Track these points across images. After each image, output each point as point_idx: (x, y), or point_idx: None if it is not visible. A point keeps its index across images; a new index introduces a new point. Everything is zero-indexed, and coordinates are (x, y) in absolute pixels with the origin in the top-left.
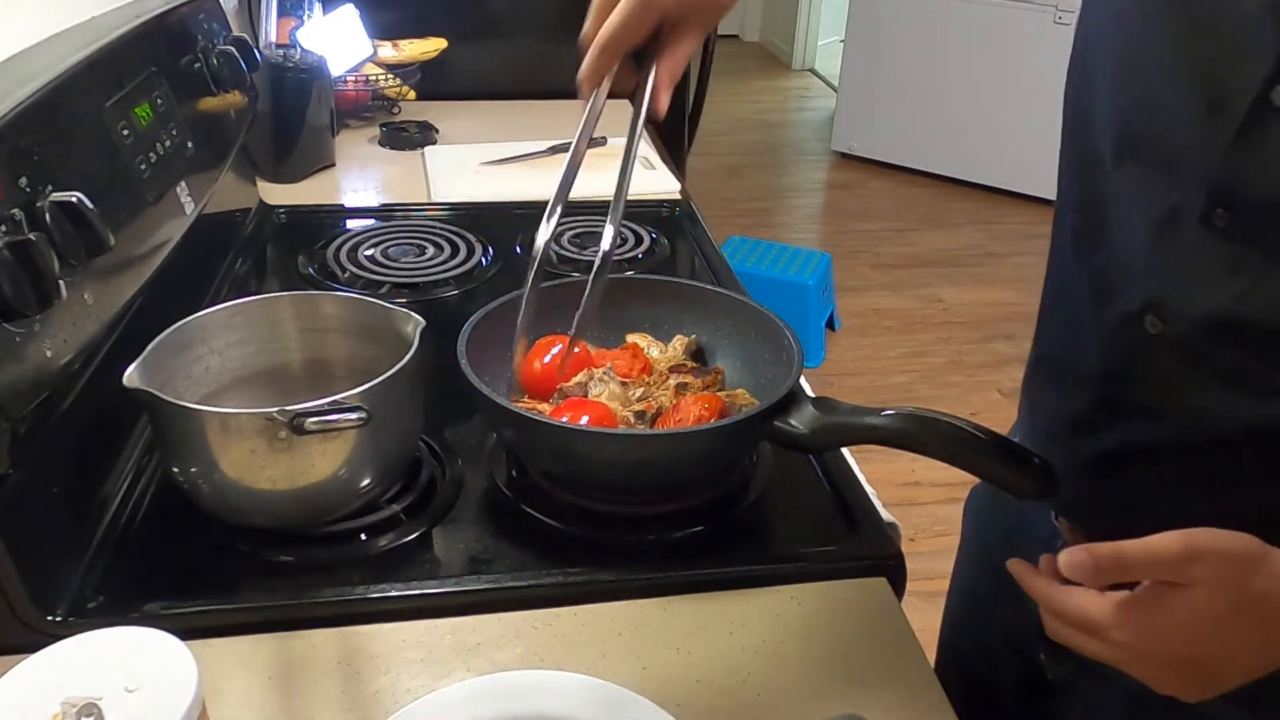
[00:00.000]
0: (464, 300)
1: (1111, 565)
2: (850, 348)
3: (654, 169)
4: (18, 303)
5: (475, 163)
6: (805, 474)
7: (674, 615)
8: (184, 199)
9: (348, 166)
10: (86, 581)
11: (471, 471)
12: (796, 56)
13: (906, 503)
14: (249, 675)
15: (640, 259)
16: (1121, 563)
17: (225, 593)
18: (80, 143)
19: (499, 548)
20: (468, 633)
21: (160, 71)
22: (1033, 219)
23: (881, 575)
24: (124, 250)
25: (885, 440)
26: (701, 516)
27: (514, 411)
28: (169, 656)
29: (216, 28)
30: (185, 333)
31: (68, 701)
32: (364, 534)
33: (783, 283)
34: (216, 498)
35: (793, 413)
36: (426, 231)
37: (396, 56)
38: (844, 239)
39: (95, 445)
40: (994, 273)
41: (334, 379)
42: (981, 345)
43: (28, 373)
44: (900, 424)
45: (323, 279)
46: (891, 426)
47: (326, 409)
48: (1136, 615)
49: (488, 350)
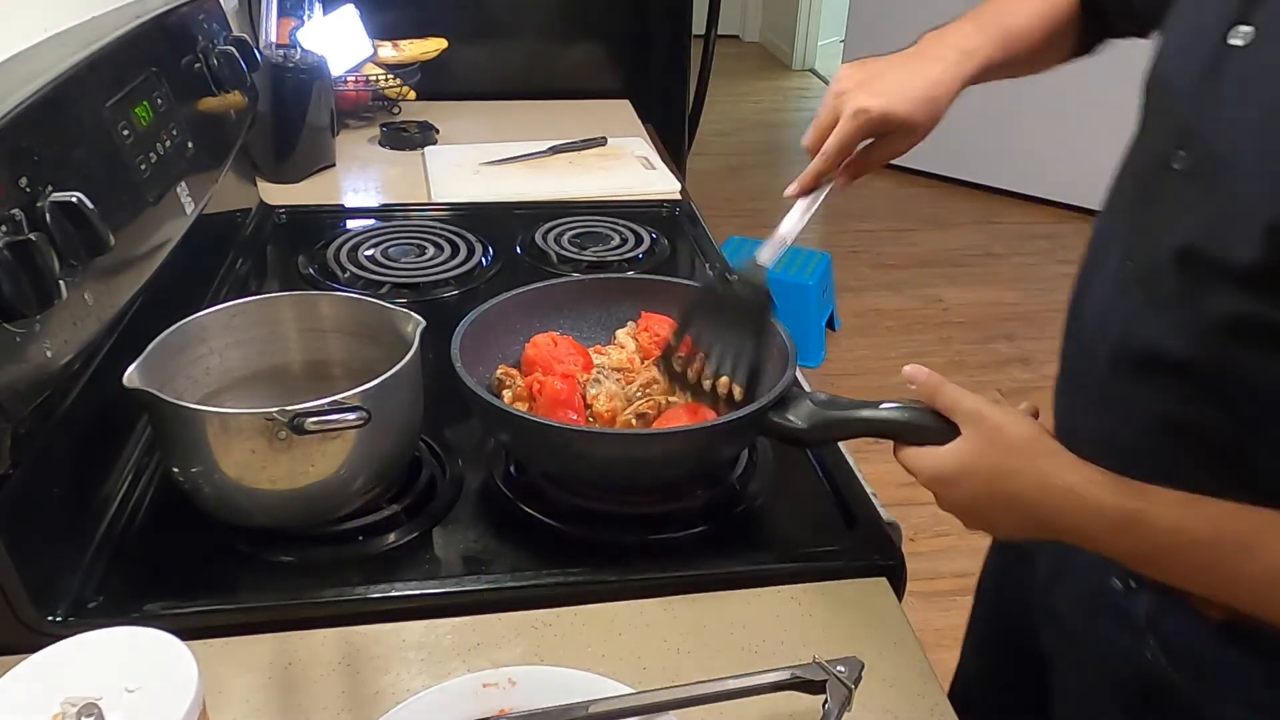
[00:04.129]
0: (464, 300)
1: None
2: (850, 348)
3: (654, 169)
4: (18, 303)
5: (475, 163)
6: (805, 474)
7: (674, 615)
8: (184, 199)
9: (348, 166)
10: (86, 581)
11: (471, 471)
12: (796, 56)
13: (906, 503)
14: (249, 675)
15: (640, 259)
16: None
17: (225, 593)
18: (80, 143)
19: (499, 548)
20: (468, 633)
21: (160, 71)
22: (1033, 219)
23: (881, 575)
24: (124, 250)
25: (885, 432)
26: (701, 516)
27: (511, 413)
28: (169, 656)
29: (216, 28)
30: (185, 333)
31: (68, 701)
32: (364, 534)
33: (783, 283)
34: (216, 498)
35: (791, 407)
36: (426, 231)
37: (396, 56)
38: (844, 239)
39: (95, 445)
40: (994, 273)
41: (334, 379)
42: (981, 345)
43: (28, 373)
44: (900, 415)
45: (323, 279)
46: (891, 418)
47: (326, 409)
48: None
49: (482, 352)
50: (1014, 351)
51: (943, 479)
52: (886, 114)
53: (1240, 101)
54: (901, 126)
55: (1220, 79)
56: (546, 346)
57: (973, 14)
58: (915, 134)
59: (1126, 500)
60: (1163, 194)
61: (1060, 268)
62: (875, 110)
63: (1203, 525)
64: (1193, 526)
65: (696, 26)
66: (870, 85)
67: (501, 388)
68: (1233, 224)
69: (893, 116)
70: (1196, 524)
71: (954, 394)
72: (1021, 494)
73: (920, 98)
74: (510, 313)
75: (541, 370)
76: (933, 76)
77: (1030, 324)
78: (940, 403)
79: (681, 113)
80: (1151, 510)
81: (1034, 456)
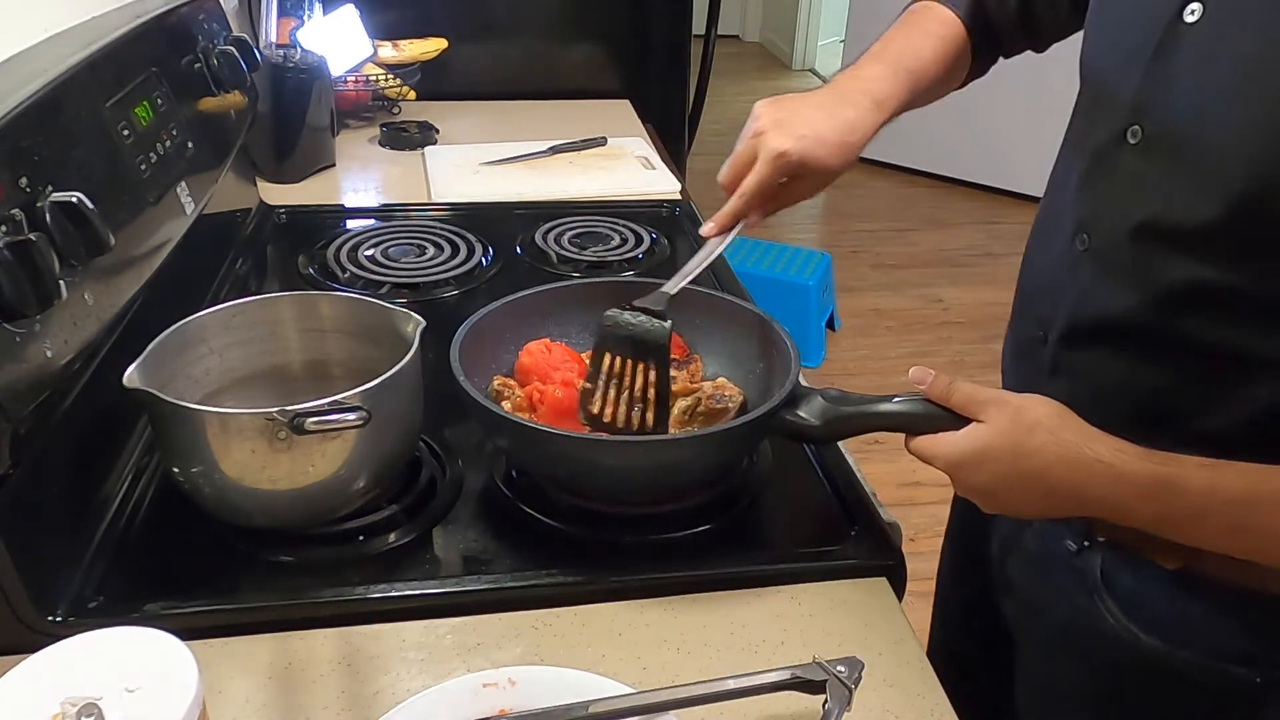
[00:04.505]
0: (464, 300)
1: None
2: (850, 348)
3: (654, 169)
4: (18, 303)
5: (475, 163)
6: (805, 474)
7: (674, 615)
8: (184, 199)
9: (348, 167)
10: (86, 581)
11: (471, 471)
12: (796, 56)
13: (906, 503)
14: (249, 675)
15: (640, 259)
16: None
17: (225, 593)
18: (80, 143)
19: (499, 548)
20: (468, 633)
21: (160, 71)
22: (1033, 219)
23: (881, 575)
24: (124, 250)
25: (899, 426)
26: (701, 516)
27: (524, 425)
28: (169, 656)
29: (216, 28)
30: (185, 333)
31: (68, 701)
32: (364, 534)
33: (783, 283)
34: (216, 498)
35: (802, 405)
36: (426, 231)
37: (396, 56)
38: (844, 239)
39: (95, 445)
40: (994, 273)
41: (334, 379)
42: (981, 345)
43: (28, 373)
44: (914, 408)
45: (323, 279)
46: (906, 411)
47: (326, 409)
48: (956, 462)
49: (475, 364)
50: None
51: (964, 462)
52: (804, 159)
53: (1197, 74)
54: (817, 170)
55: (1174, 55)
56: (541, 354)
57: (882, 53)
58: (829, 176)
59: (1158, 466)
60: (1117, 170)
61: None
62: (794, 155)
63: (1235, 485)
64: (1225, 487)
65: (696, 26)
66: (787, 126)
67: (500, 399)
68: (1196, 193)
69: (810, 161)
70: (1229, 484)
71: (967, 390)
72: (1047, 469)
73: (837, 143)
74: (500, 321)
75: (539, 379)
76: (850, 122)
77: None
78: (955, 401)
79: (681, 113)
80: (1183, 474)
81: (1058, 430)
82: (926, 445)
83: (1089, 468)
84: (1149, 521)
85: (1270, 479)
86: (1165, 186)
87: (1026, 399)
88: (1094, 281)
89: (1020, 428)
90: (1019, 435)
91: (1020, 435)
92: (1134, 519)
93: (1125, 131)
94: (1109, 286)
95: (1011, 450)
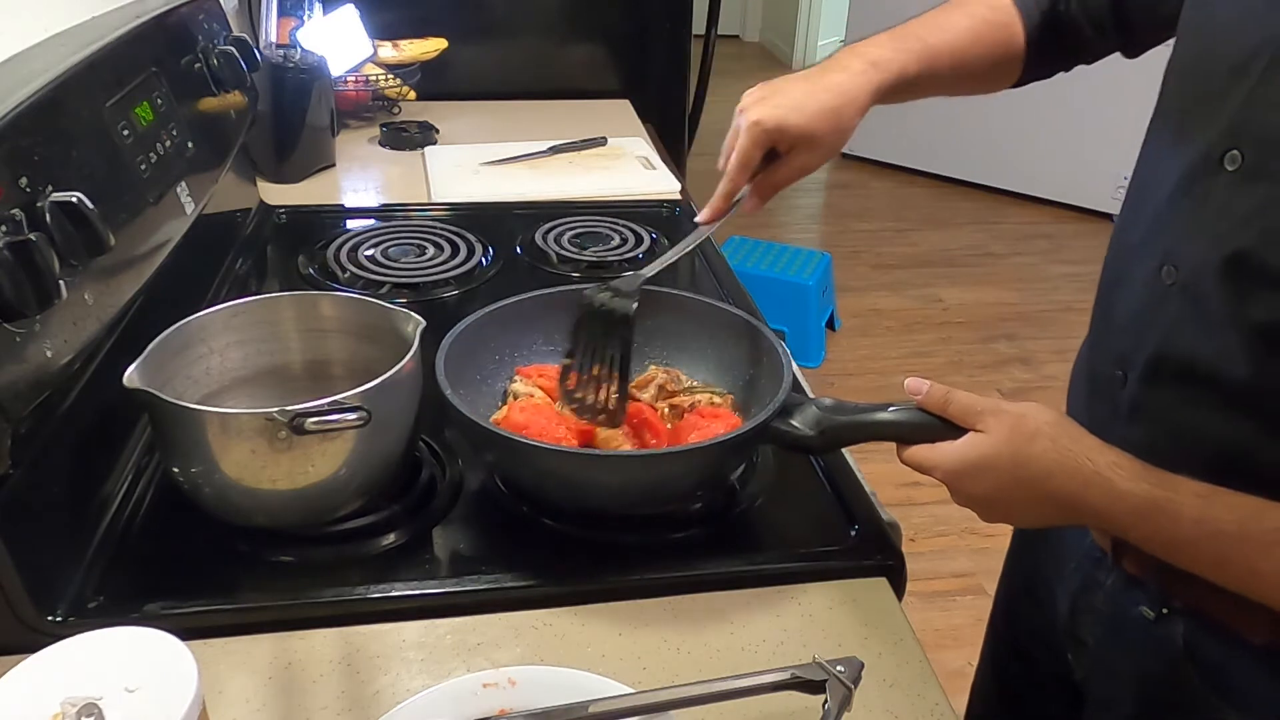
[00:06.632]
0: (464, 300)
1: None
2: (850, 348)
3: (654, 169)
4: (18, 303)
5: (475, 163)
6: (805, 474)
7: (674, 615)
8: (184, 199)
9: (348, 166)
10: (86, 581)
11: (471, 472)
12: (796, 56)
13: (906, 503)
14: (249, 675)
15: (640, 259)
16: (946, 402)
17: (225, 593)
18: (80, 143)
19: (499, 547)
20: (468, 633)
21: (160, 71)
22: (1033, 219)
23: (881, 575)
24: (124, 250)
25: (896, 436)
26: (701, 517)
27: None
28: (169, 656)
29: (216, 28)
30: (185, 333)
31: (68, 701)
32: (364, 534)
33: (783, 283)
34: (217, 498)
35: (796, 415)
36: (426, 232)
37: (396, 56)
38: (844, 239)
39: (95, 445)
40: (994, 273)
41: (334, 379)
42: (981, 345)
43: (28, 373)
44: (910, 417)
45: (323, 279)
46: (902, 421)
47: (326, 409)
48: (956, 472)
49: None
50: (1014, 351)
51: (963, 472)
52: (781, 125)
53: None
54: (801, 138)
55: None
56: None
57: (893, 29)
58: (819, 147)
59: (1154, 488)
60: (1210, 196)
61: (1060, 268)
62: (769, 121)
63: (1226, 518)
64: (1217, 518)
65: (696, 26)
66: (768, 100)
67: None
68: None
69: (788, 127)
70: (1221, 517)
71: (964, 400)
72: (1048, 476)
73: (819, 109)
74: (486, 327)
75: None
76: (836, 85)
77: (1030, 324)
78: (952, 411)
79: (681, 113)
80: (1177, 499)
81: (1058, 438)
82: (924, 455)
83: (1087, 478)
84: (1141, 540)
85: (1264, 517)
86: (1265, 218)
87: (1025, 407)
88: (1182, 318)
89: (1021, 435)
90: (1019, 443)
91: (1021, 443)
92: (1128, 537)
93: (1222, 156)
94: (1198, 324)
95: (1012, 458)
